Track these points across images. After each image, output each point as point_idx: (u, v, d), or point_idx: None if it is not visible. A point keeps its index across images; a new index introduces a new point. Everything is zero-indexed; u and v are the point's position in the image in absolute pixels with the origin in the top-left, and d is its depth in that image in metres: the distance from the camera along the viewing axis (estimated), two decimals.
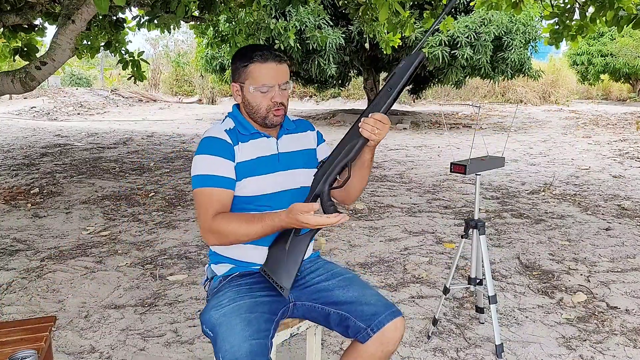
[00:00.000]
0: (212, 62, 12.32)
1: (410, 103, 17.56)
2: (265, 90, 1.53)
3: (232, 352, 1.36)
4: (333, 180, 1.49)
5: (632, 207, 4.77)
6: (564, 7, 5.17)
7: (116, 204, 4.77)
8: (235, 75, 1.59)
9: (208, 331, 1.47)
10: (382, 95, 1.44)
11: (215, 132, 1.58)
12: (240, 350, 1.36)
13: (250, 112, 1.58)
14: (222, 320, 1.44)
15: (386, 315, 1.49)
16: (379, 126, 1.42)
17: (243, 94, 1.58)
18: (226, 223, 1.48)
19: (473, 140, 9.44)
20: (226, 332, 1.40)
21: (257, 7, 5.94)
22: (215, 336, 1.42)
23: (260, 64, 1.52)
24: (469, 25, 10.26)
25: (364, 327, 1.49)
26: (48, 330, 1.57)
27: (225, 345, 1.38)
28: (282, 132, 1.65)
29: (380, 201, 4.92)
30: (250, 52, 1.55)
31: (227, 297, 1.52)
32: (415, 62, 1.40)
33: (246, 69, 1.54)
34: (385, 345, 1.49)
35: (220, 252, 1.65)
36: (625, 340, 2.40)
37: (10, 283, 3.00)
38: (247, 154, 1.57)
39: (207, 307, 1.53)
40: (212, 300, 1.54)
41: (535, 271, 3.23)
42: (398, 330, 1.50)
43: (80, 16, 4.26)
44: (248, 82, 1.54)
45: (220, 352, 1.38)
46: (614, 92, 21.48)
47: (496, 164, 2.36)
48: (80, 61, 20.01)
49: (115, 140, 9.14)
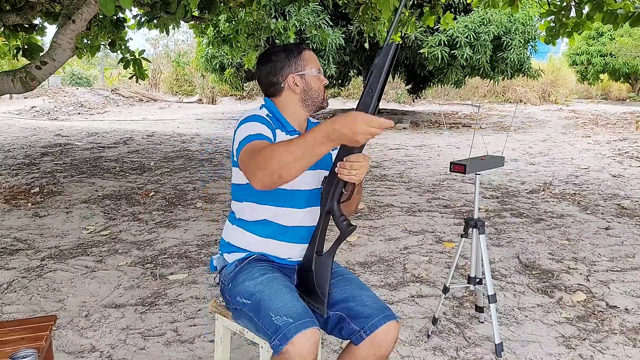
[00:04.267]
0: (212, 61, 12.32)
1: (410, 103, 17.57)
2: (320, 72, 1.62)
3: (287, 308, 1.36)
4: (340, 194, 1.49)
5: (631, 206, 4.77)
6: (560, 4, 5.19)
7: (116, 203, 4.77)
8: (289, 68, 1.59)
9: (244, 300, 1.46)
10: (365, 97, 1.35)
11: (257, 112, 1.59)
12: (295, 306, 1.37)
13: (312, 97, 1.61)
14: (262, 287, 1.44)
15: (379, 318, 1.47)
16: (356, 167, 1.39)
17: (305, 81, 1.60)
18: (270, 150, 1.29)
19: (473, 139, 9.45)
20: (272, 294, 1.41)
21: (257, 6, 5.94)
22: (259, 301, 1.41)
23: (309, 51, 1.62)
24: (469, 25, 10.27)
25: (357, 330, 1.48)
26: (48, 329, 1.57)
27: (277, 303, 1.38)
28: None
29: (380, 200, 4.93)
30: (294, 44, 1.65)
31: (257, 272, 1.52)
32: (389, 54, 1.34)
33: (301, 57, 1.59)
34: (377, 348, 1.47)
35: (234, 243, 1.65)
36: (624, 340, 2.40)
37: (11, 282, 3.01)
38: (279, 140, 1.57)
39: (234, 283, 1.53)
40: (240, 276, 1.53)
41: (535, 270, 3.24)
42: (391, 334, 1.47)
43: (81, 16, 4.26)
44: (309, 67, 1.60)
45: (271, 311, 1.37)
46: (613, 92, 21.49)
47: (496, 163, 2.36)
48: (80, 61, 20.01)
49: (116, 140, 9.14)
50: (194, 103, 18.70)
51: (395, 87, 18.22)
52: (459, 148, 8.67)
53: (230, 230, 1.67)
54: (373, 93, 1.33)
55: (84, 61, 21.32)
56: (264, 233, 1.60)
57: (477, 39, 10.22)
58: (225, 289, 1.60)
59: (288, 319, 1.34)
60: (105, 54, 24.66)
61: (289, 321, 1.33)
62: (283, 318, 1.34)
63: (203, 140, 9.25)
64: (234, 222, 1.67)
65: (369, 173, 6.26)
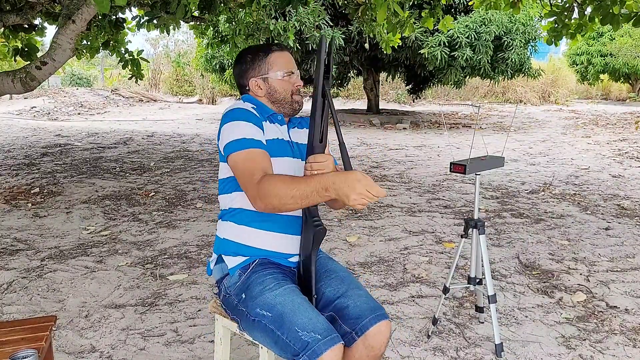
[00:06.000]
0: (212, 61, 12.32)
1: (410, 103, 17.57)
2: (290, 74, 1.62)
3: (313, 324, 1.36)
4: None
5: (631, 206, 4.77)
6: (562, 5, 5.18)
7: (116, 203, 4.77)
8: (253, 71, 1.63)
9: (265, 313, 1.43)
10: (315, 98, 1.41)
11: (241, 106, 1.58)
12: (320, 321, 1.37)
13: (277, 100, 1.63)
14: (283, 299, 1.43)
15: (370, 319, 1.46)
16: (316, 167, 1.42)
17: (268, 85, 1.62)
18: (273, 185, 1.37)
19: (473, 140, 9.45)
20: (295, 307, 1.40)
21: (256, 7, 5.94)
22: (281, 314, 1.40)
23: (279, 52, 1.64)
24: (469, 25, 10.27)
25: (349, 331, 1.47)
26: (48, 329, 1.57)
27: (302, 318, 1.37)
28: (290, 124, 1.68)
29: (380, 201, 4.93)
30: (264, 46, 1.65)
31: (271, 282, 1.50)
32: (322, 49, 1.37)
33: (267, 59, 1.62)
34: (370, 349, 1.46)
35: (229, 237, 1.61)
36: (624, 340, 2.40)
37: (11, 283, 3.01)
38: (268, 133, 1.58)
39: (250, 294, 1.50)
40: (254, 287, 1.50)
41: (535, 271, 3.24)
42: (382, 334, 1.46)
43: (81, 16, 4.27)
44: (274, 70, 1.62)
45: (297, 326, 1.36)
46: (613, 92, 21.51)
47: (496, 163, 2.36)
48: (80, 61, 20.01)
49: (116, 140, 9.14)
50: (194, 103, 18.70)
51: (395, 87, 18.23)
52: (459, 148, 8.68)
53: (222, 227, 1.65)
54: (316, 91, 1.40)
55: (84, 61, 21.34)
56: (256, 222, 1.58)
57: (477, 39, 10.22)
58: (234, 301, 1.55)
59: (316, 335, 1.34)
60: (105, 55, 24.65)
61: (318, 337, 1.34)
62: (311, 334, 1.34)
63: (203, 141, 9.25)
64: (226, 218, 1.64)
65: (369, 173, 6.26)
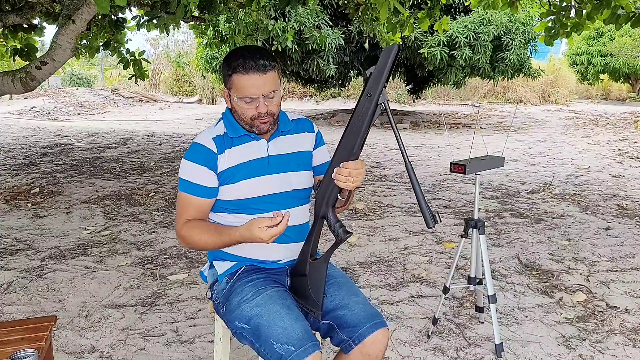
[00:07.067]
0: (212, 62, 12.32)
1: (410, 103, 17.58)
2: (249, 101, 1.49)
3: (287, 334, 1.35)
4: (335, 200, 1.46)
5: (631, 206, 4.77)
6: (560, 5, 5.17)
7: (116, 203, 4.77)
8: (224, 81, 1.55)
9: (243, 325, 1.44)
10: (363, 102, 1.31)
11: (204, 138, 1.58)
12: (295, 330, 1.36)
13: (238, 119, 1.57)
14: (259, 310, 1.43)
15: (367, 327, 1.45)
16: (354, 174, 1.36)
17: (232, 101, 1.54)
18: (192, 231, 1.54)
19: (473, 140, 9.45)
20: (271, 318, 1.39)
21: (256, 7, 5.94)
22: (258, 326, 1.40)
23: (241, 75, 1.46)
24: (468, 25, 10.26)
25: (346, 339, 1.46)
26: (48, 329, 1.57)
27: (276, 329, 1.37)
28: (275, 134, 1.61)
29: (380, 201, 4.93)
30: (234, 60, 1.47)
31: (249, 291, 1.50)
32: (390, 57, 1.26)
33: (230, 78, 1.49)
34: (367, 357, 1.45)
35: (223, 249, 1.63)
36: (624, 340, 2.40)
37: (11, 283, 3.01)
38: (237, 158, 1.56)
39: (229, 306, 1.51)
40: (233, 298, 1.51)
41: (535, 271, 3.24)
42: (380, 343, 1.45)
43: (81, 16, 4.26)
44: (233, 91, 1.51)
45: (272, 338, 1.36)
46: (613, 92, 21.50)
47: (496, 163, 2.36)
48: (80, 61, 20.02)
49: (116, 140, 9.14)
50: (194, 103, 18.70)
51: (395, 87, 18.22)
52: (459, 148, 8.68)
53: None
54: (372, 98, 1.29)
55: (84, 62, 21.34)
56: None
57: (477, 39, 10.21)
58: (220, 310, 1.58)
59: (290, 347, 1.33)
60: (105, 55, 24.65)
61: (291, 349, 1.33)
62: (284, 346, 1.34)
63: None
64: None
65: (369, 173, 6.26)
